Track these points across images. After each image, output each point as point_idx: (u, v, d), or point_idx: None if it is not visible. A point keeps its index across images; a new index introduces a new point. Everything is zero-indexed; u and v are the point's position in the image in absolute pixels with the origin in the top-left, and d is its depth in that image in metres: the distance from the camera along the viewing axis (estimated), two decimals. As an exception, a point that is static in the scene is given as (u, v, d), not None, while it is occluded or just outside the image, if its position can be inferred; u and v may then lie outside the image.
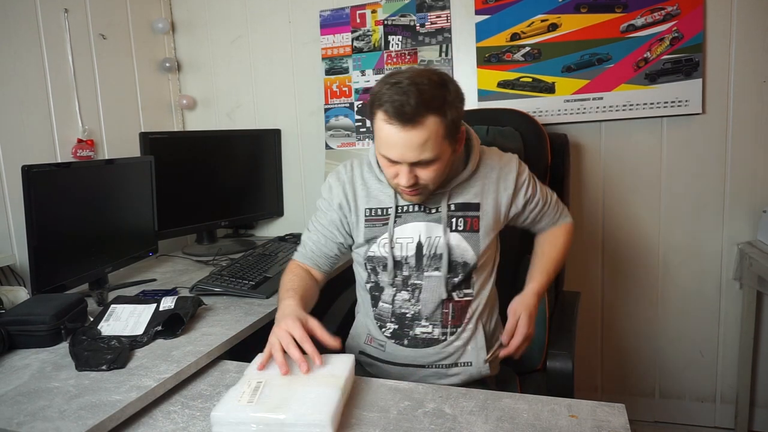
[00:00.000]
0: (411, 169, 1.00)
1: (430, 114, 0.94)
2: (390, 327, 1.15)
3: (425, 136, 0.95)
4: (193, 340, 1.14)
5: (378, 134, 1.00)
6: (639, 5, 1.74)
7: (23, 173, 1.29)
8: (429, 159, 0.98)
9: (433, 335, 1.12)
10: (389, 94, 0.94)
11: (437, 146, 0.97)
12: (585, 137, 1.88)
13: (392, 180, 1.06)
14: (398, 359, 1.15)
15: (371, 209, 1.16)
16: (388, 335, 1.15)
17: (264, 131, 2.22)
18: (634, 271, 1.92)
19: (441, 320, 1.13)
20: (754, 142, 1.74)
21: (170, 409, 0.91)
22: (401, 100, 0.92)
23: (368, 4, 2.04)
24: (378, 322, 1.17)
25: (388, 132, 0.96)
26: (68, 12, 1.79)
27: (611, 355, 2.00)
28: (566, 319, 1.38)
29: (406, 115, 0.93)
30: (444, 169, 1.03)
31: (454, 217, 1.12)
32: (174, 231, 1.95)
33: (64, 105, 1.78)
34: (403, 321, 1.14)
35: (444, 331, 1.12)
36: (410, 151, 0.96)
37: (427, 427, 0.81)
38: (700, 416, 1.93)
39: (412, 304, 1.13)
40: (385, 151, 1.00)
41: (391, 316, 1.15)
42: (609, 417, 0.80)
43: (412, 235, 1.12)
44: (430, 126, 0.94)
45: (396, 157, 0.99)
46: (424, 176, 1.01)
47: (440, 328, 1.13)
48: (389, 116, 0.94)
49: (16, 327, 1.11)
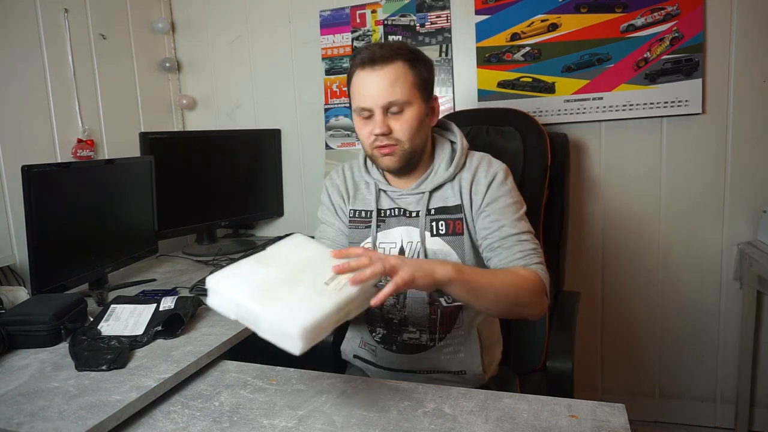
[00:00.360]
0: (384, 118, 1.03)
1: (398, 59, 1.02)
2: (380, 332, 1.15)
3: (393, 75, 1.01)
4: (193, 340, 1.14)
5: (353, 91, 1.06)
6: (639, 5, 1.74)
7: (23, 173, 1.29)
8: (399, 102, 1.01)
9: (420, 341, 1.11)
10: (363, 50, 1.05)
11: (407, 90, 1.02)
12: (585, 137, 1.88)
13: (367, 140, 1.07)
14: (389, 364, 1.14)
15: (356, 211, 1.17)
16: (378, 340, 1.15)
17: (264, 131, 2.22)
18: (634, 271, 1.92)
19: (428, 326, 1.11)
20: (754, 142, 1.74)
21: (170, 409, 0.91)
22: (372, 48, 1.03)
23: (368, 4, 2.04)
24: (369, 326, 1.16)
25: (360, 80, 1.03)
26: (68, 12, 1.79)
27: (611, 355, 2.00)
28: (566, 319, 1.38)
29: (376, 59, 1.01)
30: (416, 124, 1.04)
31: (435, 220, 1.09)
32: (174, 231, 1.95)
33: (64, 105, 1.78)
34: (391, 326, 1.13)
35: (432, 337, 1.11)
36: (381, 92, 1.01)
37: (427, 427, 0.81)
38: (700, 416, 1.93)
39: (398, 310, 1.12)
40: (358, 102, 1.04)
41: (380, 320, 1.14)
42: (609, 417, 0.80)
43: (395, 240, 1.11)
44: (398, 68, 1.01)
45: (368, 103, 1.02)
46: (397, 127, 1.03)
47: (428, 333, 1.11)
48: (363, 64, 1.02)
49: (16, 327, 1.11)
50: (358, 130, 1.09)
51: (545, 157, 1.56)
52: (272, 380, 0.99)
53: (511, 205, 1.07)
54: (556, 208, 1.60)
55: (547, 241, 1.58)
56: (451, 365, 1.11)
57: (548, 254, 1.56)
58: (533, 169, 1.53)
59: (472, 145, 1.53)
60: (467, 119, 1.65)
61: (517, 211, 1.07)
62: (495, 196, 1.07)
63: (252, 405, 0.90)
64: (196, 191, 2.00)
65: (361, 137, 1.09)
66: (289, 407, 0.89)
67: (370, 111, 1.03)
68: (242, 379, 1.00)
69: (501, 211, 1.06)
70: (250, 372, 1.03)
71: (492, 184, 1.07)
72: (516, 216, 1.06)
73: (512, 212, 1.06)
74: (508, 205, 1.06)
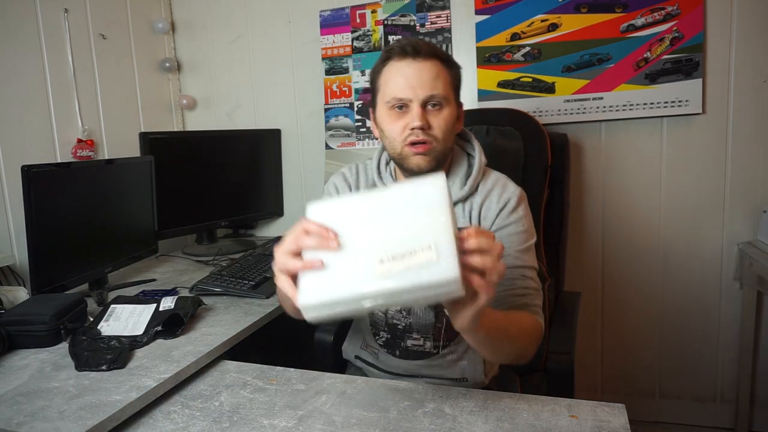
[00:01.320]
0: (422, 111, 0.96)
1: (438, 58, 0.98)
2: (383, 336, 1.12)
3: (436, 70, 0.96)
4: (193, 340, 1.14)
5: (387, 79, 0.99)
6: (639, 5, 1.74)
7: (23, 173, 1.29)
8: (441, 97, 0.97)
9: (424, 348, 1.09)
10: (402, 41, 0.99)
11: (446, 87, 0.98)
12: (585, 137, 1.88)
13: (400, 135, 0.98)
14: (391, 368, 1.13)
15: None
16: (381, 344, 1.13)
17: (264, 131, 2.22)
18: (634, 271, 1.92)
19: (433, 333, 1.08)
20: (754, 142, 1.74)
21: (170, 409, 0.91)
22: (413, 41, 0.98)
23: (368, 4, 2.04)
24: (372, 329, 1.14)
25: (399, 67, 0.97)
26: (68, 12, 1.79)
27: (611, 355, 2.00)
28: (566, 319, 1.38)
29: (420, 50, 0.96)
30: (452, 124, 1.00)
31: None
32: (174, 231, 1.95)
33: (64, 105, 1.78)
34: (395, 332, 1.11)
35: (436, 344, 1.08)
36: (423, 83, 0.96)
37: (427, 427, 0.81)
38: (700, 416, 1.93)
39: (403, 316, 1.09)
40: (395, 92, 0.97)
41: (384, 325, 1.11)
42: (609, 417, 0.80)
43: None
44: (438, 65, 0.97)
45: (408, 93, 0.96)
46: (435, 123, 0.97)
47: (432, 341, 1.08)
48: (404, 53, 0.96)
49: (15, 327, 1.11)
50: (388, 125, 1.00)
51: (545, 157, 1.56)
52: (272, 380, 0.99)
53: (520, 233, 1.00)
54: (556, 208, 1.61)
55: (547, 241, 1.58)
56: (453, 372, 1.10)
57: (548, 254, 1.57)
58: (533, 169, 1.53)
59: (472, 145, 1.54)
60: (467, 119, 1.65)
61: (524, 241, 1.00)
62: (503, 224, 1.01)
63: (252, 405, 0.90)
64: (196, 191, 2.00)
65: (392, 132, 0.99)
66: (289, 407, 0.89)
67: (407, 103, 0.96)
68: (242, 379, 1.00)
69: (507, 240, 0.99)
70: (250, 372, 1.03)
71: (502, 211, 1.01)
72: (522, 247, 0.99)
73: (519, 242, 1.00)
74: (516, 234, 1.00)
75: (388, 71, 0.99)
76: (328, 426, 0.82)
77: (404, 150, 0.99)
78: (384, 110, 1.00)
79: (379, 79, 1.01)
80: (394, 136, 0.99)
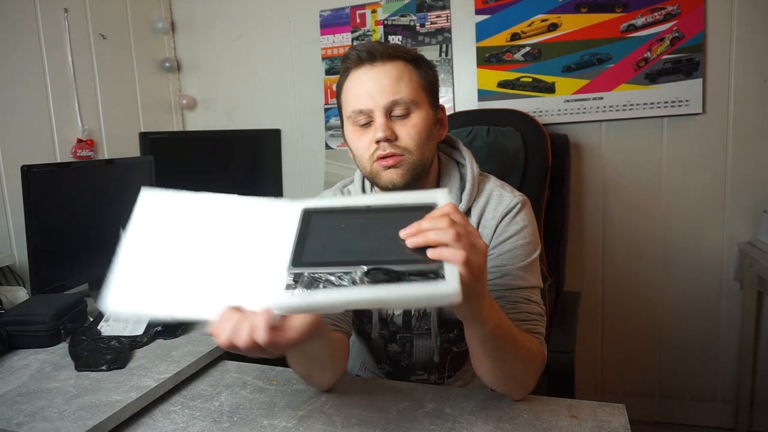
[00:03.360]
0: (387, 121, 0.85)
1: (399, 58, 0.86)
2: (385, 367, 1.06)
3: (397, 72, 0.85)
4: (192, 340, 1.14)
5: (346, 94, 0.89)
6: (639, 5, 1.74)
7: (23, 173, 1.29)
8: (406, 101, 0.85)
9: (429, 380, 1.04)
10: (358, 47, 0.88)
11: (413, 90, 0.86)
12: (585, 137, 1.88)
13: (367, 152, 0.87)
14: None
15: None
16: (384, 373, 1.07)
17: (264, 131, 2.22)
18: (634, 271, 1.92)
19: (437, 368, 1.02)
20: (754, 142, 1.74)
21: (170, 409, 0.91)
22: (369, 45, 0.87)
23: (368, 4, 2.04)
24: (373, 356, 1.06)
25: (356, 77, 0.87)
26: (68, 12, 1.79)
27: (611, 355, 2.00)
28: (566, 319, 1.38)
29: (376, 54, 0.85)
30: (426, 131, 0.87)
31: None
32: (174, 231, 1.94)
33: (64, 105, 1.78)
34: (399, 367, 1.04)
35: (441, 376, 1.04)
36: (382, 90, 0.84)
37: (427, 427, 0.81)
38: (700, 416, 1.93)
39: (405, 357, 1.02)
40: (354, 104, 0.87)
41: (386, 357, 1.04)
42: (609, 417, 0.80)
43: None
44: (401, 66, 0.86)
45: (366, 103, 0.85)
46: (403, 133, 0.85)
47: (436, 374, 1.04)
48: (359, 60, 0.86)
49: (15, 327, 1.11)
50: (354, 142, 0.89)
51: (546, 157, 1.56)
52: (272, 380, 0.99)
53: (520, 247, 0.89)
54: (556, 209, 1.61)
55: (548, 241, 1.58)
56: None
57: (548, 254, 1.57)
58: (534, 169, 1.53)
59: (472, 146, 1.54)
60: (467, 119, 1.65)
61: (527, 255, 0.89)
62: (503, 237, 0.90)
63: (252, 405, 0.90)
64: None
65: (358, 150, 0.89)
66: (289, 407, 0.89)
67: (369, 114, 0.86)
68: (242, 379, 1.00)
69: (507, 255, 0.89)
70: (250, 372, 1.03)
71: (499, 225, 0.91)
72: (524, 263, 0.89)
73: (521, 257, 0.89)
74: (516, 248, 0.89)
75: (348, 83, 0.89)
76: (328, 426, 0.82)
77: (374, 167, 0.88)
78: (349, 127, 0.90)
79: (341, 95, 0.91)
80: (362, 153, 0.88)
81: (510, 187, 0.97)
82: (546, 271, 1.50)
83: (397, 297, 0.55)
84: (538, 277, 0.91)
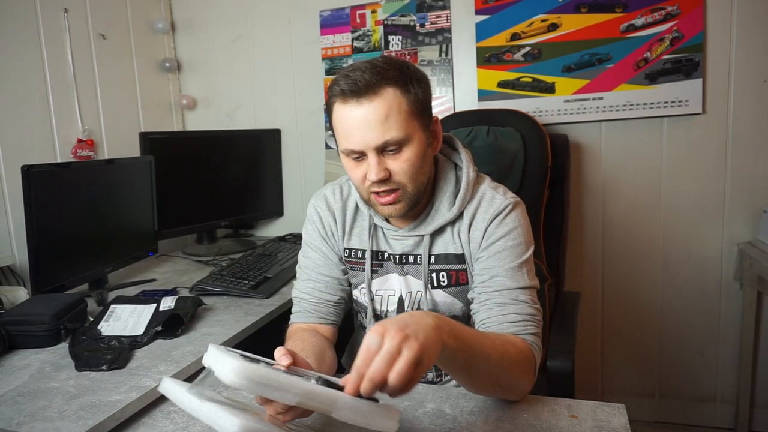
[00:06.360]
0: (379, 159, 0.85)
1: (387, 85, 0.84)
2: None
3: (385, 108, 0.83)
4: (193, 340, 1.14)
5: (337, 128, 0.88)
6: (639, 5, 1.74)
7: (23, 173, 1.29)
8: (396, 140, 0.84)
9: (426, 378, 1.04)
10: (342, 77, 0.85)
11: (403, 123, 0.84)
12: (585, 137, 1.88)
13: (362, 184, 0.90)
14: None
15: (351, 250, 1.04)
16: None
17: (264, 131, 2.22)
18: (634, 271, 1.92)
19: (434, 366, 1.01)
20: (754, 142, 1.74)
21: (170, 409, 0.91)
22: (354, 75, 0.84)
23: (368, 4, 2.04)
24: None
25: (344, 115, 0.85)
26: (68, 12, 1.79)
27: (611, 355, 2.00)
28: (566, 319, 1.38)
29: (360, 88, 0.83)
30: (419, 161, 0.87)
31: (435, 271, 0.97)
32: (174, 231, 1.95)
33: (64, 105, 1.78)
34: None
35: (438, 374, 1.04)
36: (372, 130, 0.83)
37: (427, 427, 0.81)
38: (700, 416, 1.93)
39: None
40: (346, 143, 0.86)
41: None
42: (609, 417, 0.80)
43: (395, 288, 1.01)
44: (389, 98, 0.83)
45: (358, 144, 0.85)
46: (397, 168, 0.86)
47: (434, 371, 1.04)
48: (344, 96, 0.84)
49: (15, 327, 1.11)
50: (349, 171, 0.91)
51: (546, 157, 1.56)
52: (272, 380, 0.99)
53: (509, 249, 0.89)
54: (556, 209, 1.61)
55: (548, 241, 1.58)
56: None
57: (548, 254, 1.57)
58: (534, 169, 1.53)
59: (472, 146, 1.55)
60: (467, 119, 1.66)
61: (517, 256, 0.89)
62: (492, 239, 0.90)
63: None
64: (196, 191, 2.00)
65: (354, 180, 0.91)
66: (289, 407, 0.88)
67: (362, 153, 0.86)
68: (242, 379, 1.00)
69: (496, 257, 0.89)
70: (250, 372, 1.03)
71: (489, 227, 0.91)
72: (513, 264, 0.89)
73: (510, 258, 0.89)
74: (505, 250, 0.89)
75: (336, 114, 0.87)
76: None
77: (371, 198, 0.91)
78: (343, 156, 0.91)
79: (332, 118, 0.89)
80: (357, 183, 0.91)
81: (504, 189, 0.97)
82: (546, 271, 1.50)
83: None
84: (531, 277, 0.90)
